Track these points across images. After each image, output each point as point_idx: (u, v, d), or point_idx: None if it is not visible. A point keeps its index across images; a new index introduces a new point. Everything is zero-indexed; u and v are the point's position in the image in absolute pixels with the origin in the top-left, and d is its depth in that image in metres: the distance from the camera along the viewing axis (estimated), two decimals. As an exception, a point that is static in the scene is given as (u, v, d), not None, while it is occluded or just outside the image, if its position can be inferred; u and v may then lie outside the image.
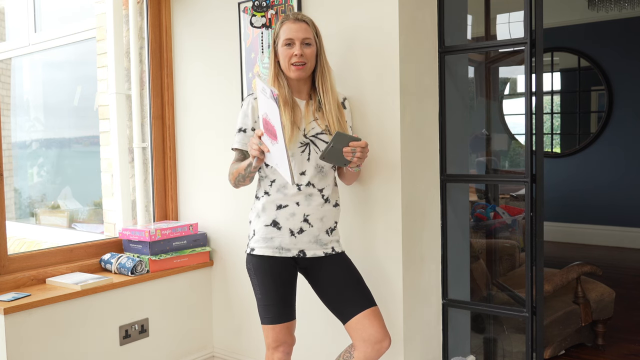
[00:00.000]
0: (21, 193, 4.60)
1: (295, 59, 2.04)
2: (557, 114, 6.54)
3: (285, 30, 2.06)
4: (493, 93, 3.71)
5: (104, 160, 3.56)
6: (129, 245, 2.87)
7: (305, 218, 2.07)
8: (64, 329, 2.43)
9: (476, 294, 3.04)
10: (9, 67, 4.60)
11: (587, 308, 3.17)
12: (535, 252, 2.35)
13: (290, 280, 2.12)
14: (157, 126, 3.09)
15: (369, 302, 2.07)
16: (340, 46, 2.38)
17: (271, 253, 2.07)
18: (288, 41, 2.05)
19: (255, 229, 2.12)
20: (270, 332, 2.08)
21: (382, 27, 2.29)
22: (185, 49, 3.04)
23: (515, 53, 3.26)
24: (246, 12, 2.70)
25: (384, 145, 2.31)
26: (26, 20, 4.17)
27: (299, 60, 2.04)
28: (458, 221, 2.68)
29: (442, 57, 2.50)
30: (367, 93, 2.35)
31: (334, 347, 2.47)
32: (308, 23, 2.08)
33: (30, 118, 4.60)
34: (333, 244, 2.15)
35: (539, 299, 2.36)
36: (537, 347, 2.36)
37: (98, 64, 3.52)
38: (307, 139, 2.09)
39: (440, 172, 2.53)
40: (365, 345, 2.02)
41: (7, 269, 2.50)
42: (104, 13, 3.35)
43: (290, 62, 2.05)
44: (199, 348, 3.00)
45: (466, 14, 2.75)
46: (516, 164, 4.56)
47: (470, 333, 2.85)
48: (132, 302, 2.69)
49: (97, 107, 3.62)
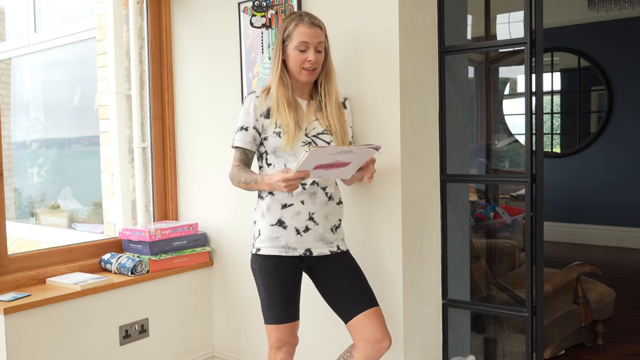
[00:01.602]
0: (21, 193, 4.60)
1: (308, 64, 2.05)
2: (557, 114, 6.54)
3: (300, 34, 2.04)
4: (493, 93, 3.71)
5: (104, 160, 3.56)
6: (129, 245, 2.87)
7: (311, 216, 2.08)
8: (64, 329, 2.43)
9: (476, 294, 3.04)
10: (9, 67, 4.60)
11: (587, 308, 3.17)
12: (535, 252, 2.35)
13: (295, 281, 2.12)
14: (157, 126, 3.09)
15: (371, 302, 2.07)
16: (341, 46, 2.38)
17: (278, 252, 2.07)
18: (302, 46, 2.04)
19: (260, 229, 2.12)
20: (274, 332, 2.08)
21: (382, 27, 2.29)
22: (185, 49, 3.04)
23: (515, 53, 3.26)
24: (246, 12, 2.70)
25: (384, 145, 2.31)
26: (26, 20, 4.16)
27: (311, 65, 2.05)
28: (458, 221, 2.68)
29: (442, 57, 2.50)
30: (367, 93, 2.35)
31: (335, 347, 2.47)
32: (322, 28, 2.08)
33: (30, 118, 4.60)
34: (338, 242, 2.15)
35: (539, 299, 2.36)
36: (537, 347, 2.36)
37: (98, 64, 3.52)
38: (308, 138, 2.10)
39: (440, 172, 2.53)
40: (366, 345, 2.02)
41: (7, 269, 2.50)
42: (104, 13, 3.35)
43: (303, 66, 2.06)
44: (199, 348, 3.00)
45: (466, 14, 2.75)
46: (516, 164, 4.55)
47: (470, 333, 2.85)
48: (132, 302, 2.69)
49: (97, 107, 3.62)
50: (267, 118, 2.10)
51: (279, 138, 2.07)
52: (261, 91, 2.14)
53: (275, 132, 2.08)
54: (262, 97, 2.12)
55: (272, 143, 2.08)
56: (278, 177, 1.89)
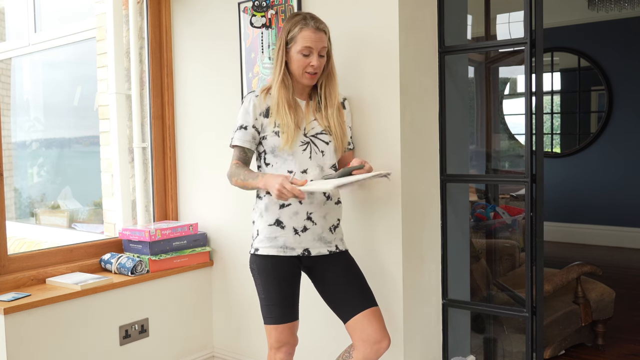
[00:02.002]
0: (21, 193, 4.60)
1: (311, 69, 2.06)
2: (557, 114, 6.54)
3: (304, 38, 2.03)
4: (493, 93, 3.71)
5: (104, 160, 3.56)
6: (129, 245, 2.87)
7: (309, 216, 2.08)
8: (64, 329, 2.43)
9: (476, 294, 3.04)
10: (9, 67, 4.60)
11: (587, 308, 3.17)
12: (535, 252, 2.35)
13: (293, 281, 2.12)
14: (157, 126, 3.09)
15: (370, 302, 2.07)
16: (340, 46, 2.38)
17: (276, 252, 2.07)
18: (306, 50, 2.04)
19: (258, 229, 2.12)
20: (273, 332, 2.08)
21: (382, 27, 2.29)
22: (185, 49, 3.04)
23: (515, 53, 3.26)
24: (246, 12, 2.70)
25: (384, 145, 2.31)
26: (26, 20, 4.16)
27: (314, 70, 2.06)
28: (458, 221, 2.68)
29: (442, 57, 2.50)
30: (367, 93, 2.35)
31: (335, 347, 2.47)
32: (326, 32, 2.09)
33: (30, 118, 4.60)
34: (337, 242, 2.15)
35: (539, 299, 2.36)
36: (537, 347, 2.36)
37: (98, 64, 3.52)
38: (307, 138, 2.10)
39: (440, 172, 2.53)
40: (364, 345, 2.02)
41: (7, 269, 2.50)
42: (104, 13, 3.35)
43: (305, 70, 2.06)
44: (199, 348, 3.00)
45: (466, 14, 2.75)
46: (516, 163, 4.55)
47: (470, 333, 2.85)
48: (132, 302, 2.69)
49: (97, 107, 3.62)
50: (266, 117, 2.10)
51: (277, 137, 2.07)
52: (260, 90, 2.15)
53: (274, 131, 2.08)
54: (262, 96, 2.13)
55: (271, 142, 2.09)
56: (279, 180, 1.89)
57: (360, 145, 2.37)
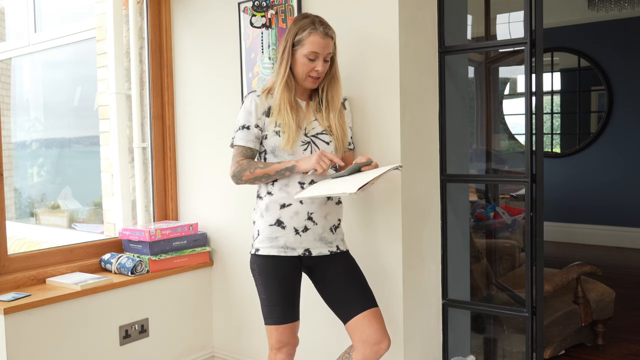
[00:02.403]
0: (21, 193, 4.60)
1: (315, 73, 2.07)
2: (557, 114, 6.54)
3: (312, 43, 2.03)
4: (493, 93, 3.71)
5: (104, 160, 3.56)
6: (129, 245, 2.87)
7: (309, 216, 2.08)
8: (64, 329, 2.43)
9: (476, 294, 3.04)
10: (9, 67, 4.60)
11: (587, 308, 3.17)
12: (535, 252, 2.35)
13: (294, 281, 2.12)
14: (157, 126, 3.09)
15: (370, 303, 2.07)
16: (340, 46, 2.37)
17: (276, 253, 2.07)
18: (313, 55, 2.04)
19: (259, 229, 2.12)
20: (274, 333, 2.08)
21: (382, 27, 2.29)
22: (185, 49, 3.04)
23: (515, 53, 3.26)
24: (246, 12, 2.70)
25: (384, 145, 2.31)
26: (26, 20, 4.16)
27: (318, 74, 2.07)
28: (458, 221, 2.68)
29: (442, 57, 2.50)
30: (367, 93, 2.35)
31: (336, 347, 2.47)
32: (333, 38, 2.09)
33: (30, 118, 4.60)
34: (338, 242, 2.15)
35: (539, 299, 2.36)
36: (537, 347, 2.36)
37: (98, 64, 3.52)
38: (308, 138, 2.11)
39: (440, 172, 2.53)
40: (364, 346, 2.02)
41: (7, 269, 2.50)
42: (104, 13, 3.35)
43: (309, 74, 2.07)
44: (199, 348, 3.00)
45: (466, 14, 2.75)
46: (516, 164, 4.55)
47: (470, 333, 2.85)
48: (132, 302, 2.69)
49: (97, 107, 3.62)
50: (267, 117, 2.11)
51: (278, 137, 2.07)
52: (262, 90, 2.15)
53: (275, 131, 2.08)
54: (263, 96, 2.13)
55: (272, 142, 2.09)
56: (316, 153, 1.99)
57: (361, 145, 2.37)
